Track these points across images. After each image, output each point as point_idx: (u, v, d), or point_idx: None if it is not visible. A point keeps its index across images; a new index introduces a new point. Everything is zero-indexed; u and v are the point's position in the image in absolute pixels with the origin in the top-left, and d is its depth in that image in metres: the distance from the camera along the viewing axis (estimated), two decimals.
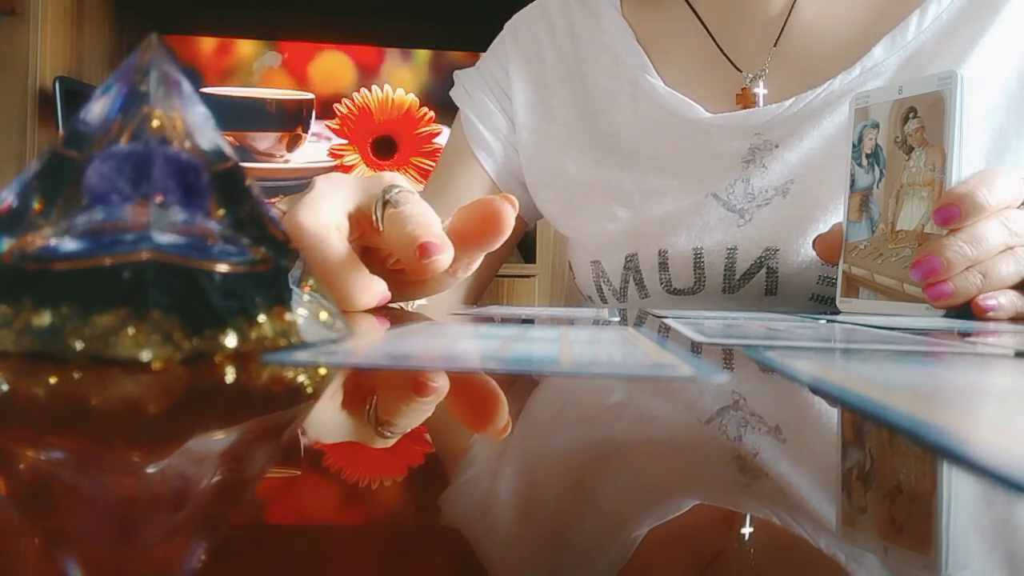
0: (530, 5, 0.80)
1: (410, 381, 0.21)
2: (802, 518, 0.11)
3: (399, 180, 0.45)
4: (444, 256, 0.40)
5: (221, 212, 0.24)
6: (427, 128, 2.22)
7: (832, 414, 0.19)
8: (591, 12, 0.75)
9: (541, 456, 0.15)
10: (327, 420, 0.17)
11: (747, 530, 0.11)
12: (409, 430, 0.16)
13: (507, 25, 0.80)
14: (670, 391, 0.20)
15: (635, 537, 0.10)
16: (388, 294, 0.44)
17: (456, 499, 0.12)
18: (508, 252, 0.82)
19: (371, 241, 0.45)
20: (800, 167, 0.64)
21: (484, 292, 0.81)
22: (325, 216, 0.43)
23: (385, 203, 0.43)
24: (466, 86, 0.78)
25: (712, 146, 0.67)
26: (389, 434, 0.16)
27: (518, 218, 0.79)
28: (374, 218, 0.43)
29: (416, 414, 0.18)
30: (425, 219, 0.41)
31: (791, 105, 0.64)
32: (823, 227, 0.61)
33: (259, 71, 2.21)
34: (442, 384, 0.21)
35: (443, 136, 2.17)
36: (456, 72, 0.80)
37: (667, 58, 0.71)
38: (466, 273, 0.46)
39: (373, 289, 0.43)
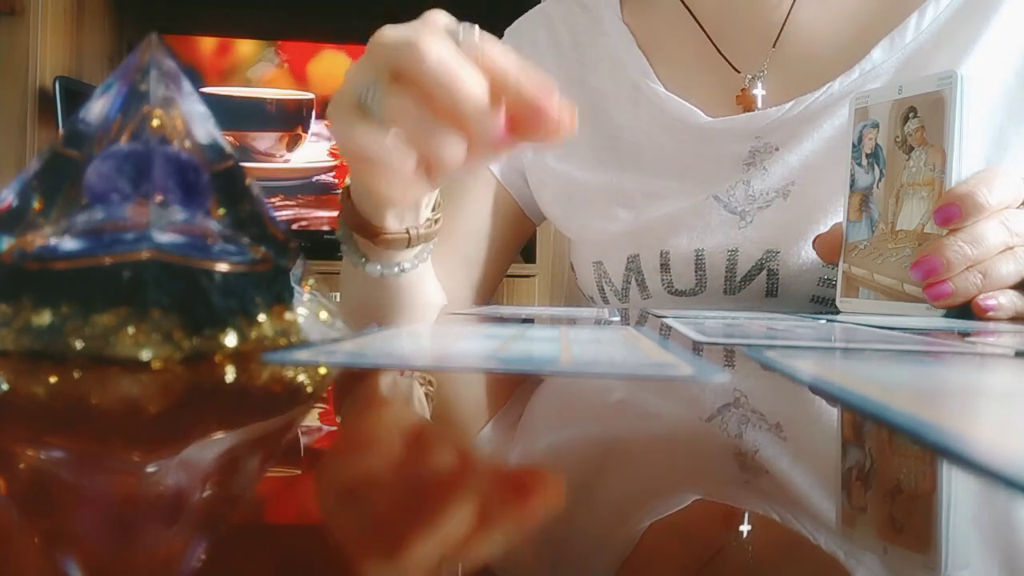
0: (531, 10, 0.80)
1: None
2: (802, 517, 0.11)
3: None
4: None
5: (221, 211, 0.24)
6: None
7: (832, 414, 0.19)
8: (592, 17, 0.75)
9: (541, 455, 0.14)
10: (326, 420, 0.17)
11: (747, 529, 0.11)
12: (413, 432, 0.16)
13: (508, 30, 0.80)
14: (670, 391, 0.20)
15: (636, 535, 0.10)
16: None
17: (458, 498, 0.12)
18: (516, 252, 0.82)
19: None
20: (800, 169, 0.65)
21: (495, 291, 0.81)
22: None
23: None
24: None
25: (713, 149, 0.67)
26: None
27: (525, 218, 0.79)
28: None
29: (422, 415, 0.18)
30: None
31: (791, 108, 0.64)
32: (823, 229, 0.61)
33: (260, 69, 2.20)
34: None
35: None
36: None
37: (667, 61, 0.71)
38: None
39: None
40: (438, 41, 0.38)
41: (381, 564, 0.10)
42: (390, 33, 0.40)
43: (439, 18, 0.41)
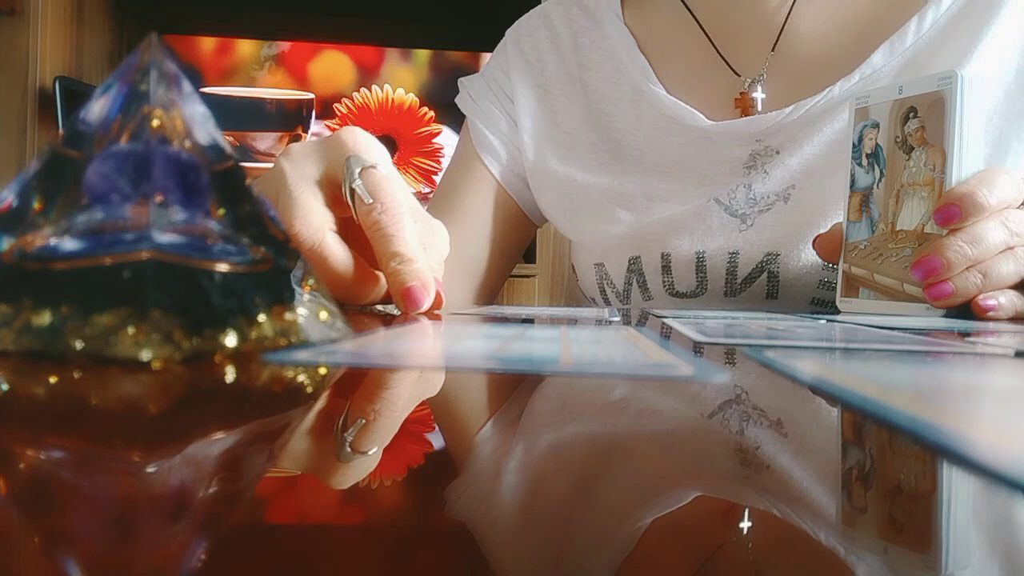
0: (532, 11, 0.80)
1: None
2: (802, 517, 0.11)
3: (356, 139, 0.46)
4: (427, 302, 0.43)
5: (221, 211, 0.24)
6: (427, 128, 2.22)
7: (832, 414, 0.19)
8: (593, 19, 0.75)
9: (541, 454, 0.14)
10: (326, 420, 0.17)
11: (746, 530, 0.11)
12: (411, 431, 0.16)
13: (509, 31, 0.80)
14: (670, 390, 0.20)
15: (636, 532, 0.10)
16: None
17: (458, 499, 0.12)
18: (518, 255, 0.82)
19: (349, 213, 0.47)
20: (801, 173, 0.65)
21: (497, 295, 0.81)
22: (316, 219, 0.45)
23: (352, 192, 0.45)
24: (471, 93, 0.79)
25: (714, 152, 0.67)
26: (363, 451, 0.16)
27: (526, 220, 0.79)
28: (348, 203, 0.45)
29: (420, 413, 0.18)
30: (403, 242, 0.44)
31: (791, 112, 0.64)
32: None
33: (265, 60, 2.20)
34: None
35: (443, 136, 2.17)
36: (461, 79, 0.81)
37: (668, 64, 0.71)
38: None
39: (377, 283, 0.47)
40: (307, 234, 0.44)
41: (382, 564, 0.10)
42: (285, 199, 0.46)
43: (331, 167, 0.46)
